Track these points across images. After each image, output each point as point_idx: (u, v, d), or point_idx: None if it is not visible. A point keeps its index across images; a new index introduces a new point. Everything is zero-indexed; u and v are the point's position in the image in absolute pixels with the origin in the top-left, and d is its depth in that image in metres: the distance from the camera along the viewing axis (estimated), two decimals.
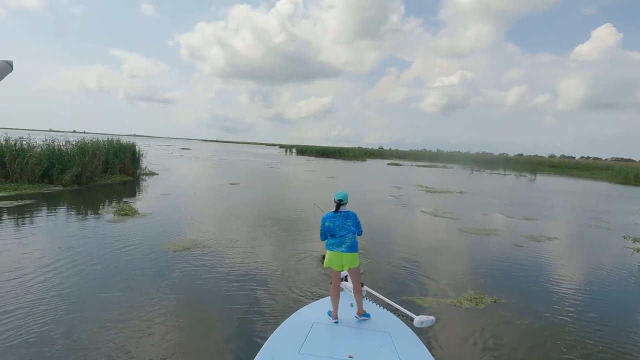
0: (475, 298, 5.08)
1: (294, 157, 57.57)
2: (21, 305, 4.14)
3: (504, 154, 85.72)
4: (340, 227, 3.44)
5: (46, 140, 14.91)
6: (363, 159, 61.07)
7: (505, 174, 39.95)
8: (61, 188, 12.69)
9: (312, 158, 57.40)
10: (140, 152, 19.08)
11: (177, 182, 17.32)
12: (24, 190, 11.58)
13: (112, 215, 8.91)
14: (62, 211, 9.29)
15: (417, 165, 49.51)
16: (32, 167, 12.65)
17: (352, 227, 3.48)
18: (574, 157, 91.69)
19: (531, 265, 7.00)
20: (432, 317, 3.33)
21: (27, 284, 4.71)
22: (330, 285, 3.57)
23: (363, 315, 3.48)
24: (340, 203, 3.51)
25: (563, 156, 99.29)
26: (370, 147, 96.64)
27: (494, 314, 4.70)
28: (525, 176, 38.47)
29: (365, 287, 3.90)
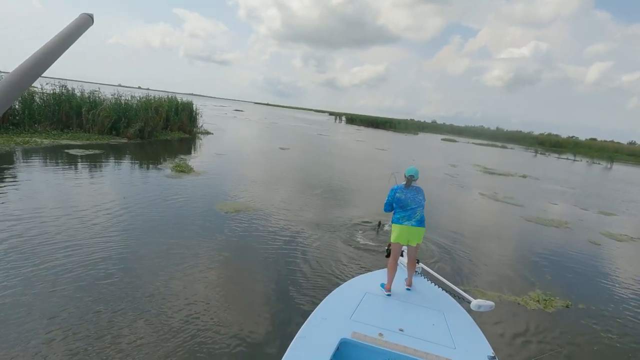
0: (544, 299, 4.53)
1: (343, 126, 56.63)
2: (87, 242, 4.42)
3: (573, 137, 77.28)
4: (412, 199, 3.40)
5: (114, 94, 15.84)
6: (415, 132, 58.44)
7: (575, 160, 36.08)
8: (126, 140, 13.51)
9: (362, 128, 56.06)
10: (197, 112, 19.72)
11: (231, 143, 17.75)
12: (94, 140, 12.49)
13: (170, 170, 9.28)
14: (126, 163, 9.87)
15: (473, 143, 46.34)
16: (102, 119, 13.55)
17: (422, 200, 3.43)
18: None
19: (612, 268, 6.15)
20: (491, 303, 3.03)
21: (94, 227, 5.01)
22: (387, 259, 3.51)
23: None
24: (411, 179, 3.46)
25: None
26: (423, 120, 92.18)
27: (566, 321, 4.16)
28: (599, 164, 34.47)
29: (421, 264, 3.83)
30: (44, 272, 3.78)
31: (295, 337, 2.37)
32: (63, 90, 13.95)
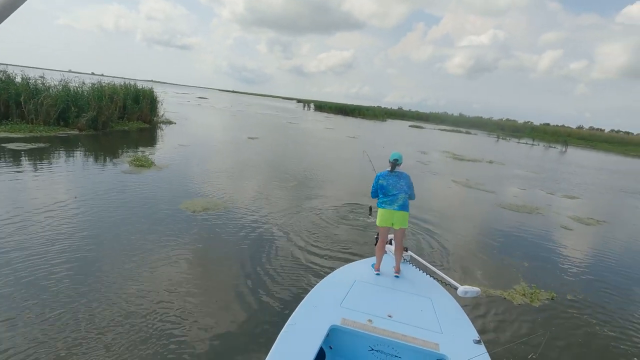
0: (530, 293, 4.44)
1: (312, 113, 55.99)
2: (36, 250, 3.74)
3: (528, 122, 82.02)
4: (393, 186, 3.52)
5: (62, 80, 14.28)
6: (383, 119, 58.95)
7: (533, 144, 37.97)
8: (77, 132, 12.25)
9: (331, 115, 55.67)
10: (158, 99, 18.38)
11: (195, 133, 16.73)
12: (39, 133, 11.17)
13: (127, 165, 8.43)
14: (77, 157, 8.85)
15: (439, 130, 47.50)
16: (47, 108, 12.14)
17: (404, 187, 3.53)
18: (604, 130, 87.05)
19: (587, 253, 6.27)
20: (477, 289, 3.05)
21: (42, 232, 4.29)
22: (375, 247, 3.66)
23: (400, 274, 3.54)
24: (395, 163, 3.59)
25: (592, 128, 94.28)
26: (389, 107, 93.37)
27: (552, 314, 4.08)
28: (554, 147, 36.51)
29: (409, 252, 3.89)
30: None
31: (286, 324, 2.38)
32: (1, 76, 12.35)
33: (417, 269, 3.68)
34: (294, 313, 2.54)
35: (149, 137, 13.81)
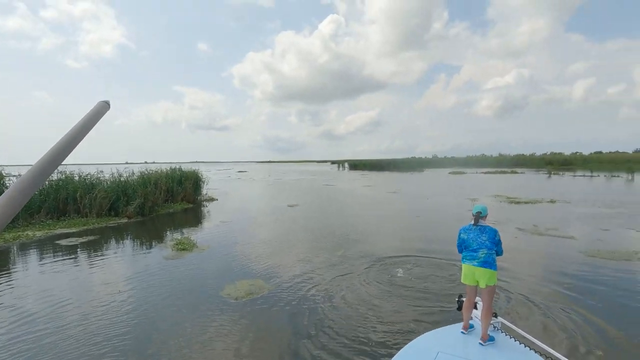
0: None
1: (347, 172, 56.33)
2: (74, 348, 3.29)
3: (577, 152, 76.90)
4: (474, 240, 3.37)
5: (114, 173, 15.39)
6: (420, 170, 57.82)
7: (593, 176, 34.68)
8: (126, 220, 12.69)
9: (366, 172, 55.65)
10: (202, 179, 19.19)
11: (236, 206, 16.89)
12: (91, 225, 11.65)
13: (170, 250, 8.27)
14: (122, 247, 8.88)
15: (482, 173, 45.31)
16: (100, 201, 12.86)
17: (486, 242, 3.33)
18: None
19: None
20: None
21: (82, 332, 3.89)
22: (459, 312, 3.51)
23: (488, 340, 3.17)
24: (478, 216, 3.46)
25: None
26: (424, 157, 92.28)
27: None
28: (618, 176, 33.00)
29: (499, 319, 3.44)
30: None
31: None
32: (61, 177, 13.51)
33: (510, 337, 3.26)
34: None
35: (192, 217, 14.00)
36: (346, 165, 75.67)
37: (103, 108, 0.81)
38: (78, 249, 8.59)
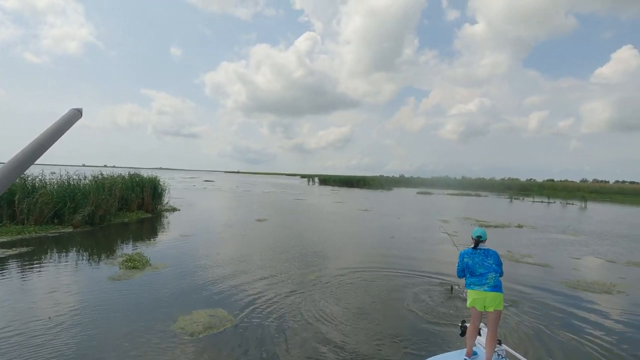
0: None
1: (317, 187, 55.91)
2: None
3: (531, 179, 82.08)
4: (480, 264, 3.27)
5: (62, 175, 13.75)
6: (389, 188, 58.59)
7: (549, 202, 36.55)
8: (71, 230, 11.22)
9: (336, 188, 55.55)
10: (164, 187, 17.80)
11: (200, 218, 15.71)
12: (28, 234, 10.15)
13: (117, 268, 7.16)
14: (60, 262, 7.62)
15: (448, 194, 46.55)
16: (41, 207, 11.32)
17: (493, 265, 3.25)
18: (608, 182, 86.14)
19: None
20: None
21: None
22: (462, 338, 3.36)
23: None
24: (479, 240, 3.37)
25: (596, 181, 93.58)
26: (391, 175, 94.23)
27: None
28: (572, 204, 34.97)
29: (504, 346, 3.32)
30: None
31: None
32: None
33: None
34: None
35: (149, 229, 12.71)
36: (316, 179, 75.31)
37: (74, 116, 0.80)
38: (7, 263, 7.25)
